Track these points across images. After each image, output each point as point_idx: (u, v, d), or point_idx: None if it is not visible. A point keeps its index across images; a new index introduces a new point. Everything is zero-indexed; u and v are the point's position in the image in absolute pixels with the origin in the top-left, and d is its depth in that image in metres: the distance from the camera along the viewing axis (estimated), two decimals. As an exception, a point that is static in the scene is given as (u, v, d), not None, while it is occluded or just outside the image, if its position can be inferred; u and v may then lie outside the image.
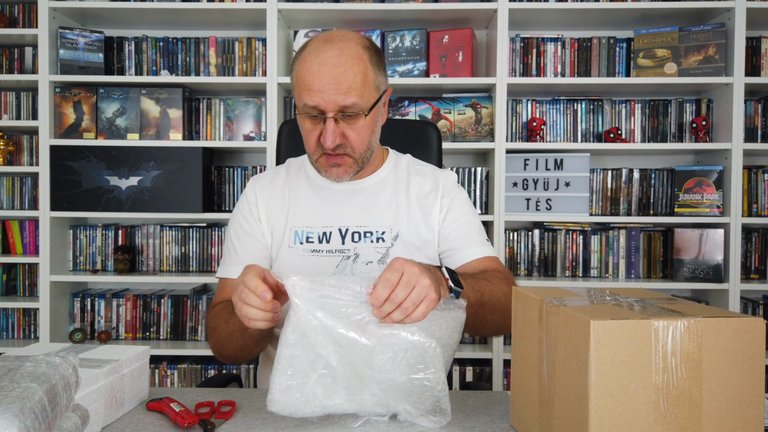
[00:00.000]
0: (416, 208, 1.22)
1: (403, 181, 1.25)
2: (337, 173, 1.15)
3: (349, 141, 1.11)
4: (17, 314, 2.64)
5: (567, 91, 2.61)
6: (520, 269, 2.57)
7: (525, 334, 0.80)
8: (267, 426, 0.84)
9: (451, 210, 1.23)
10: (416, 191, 1.24)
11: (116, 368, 0.86)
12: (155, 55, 2.62)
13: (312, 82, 1.06)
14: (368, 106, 1.10)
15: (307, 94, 1.07)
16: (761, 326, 0.63)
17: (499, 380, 2.39)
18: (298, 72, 1.09)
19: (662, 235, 2.55)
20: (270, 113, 2.42)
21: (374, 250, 1.17)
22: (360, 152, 1.13)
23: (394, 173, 1.26)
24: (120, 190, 2.45)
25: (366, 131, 1.12)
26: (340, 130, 1.09)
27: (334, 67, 1.05)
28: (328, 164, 1.14)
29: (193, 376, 2.51)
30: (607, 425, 0.62)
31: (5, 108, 2.66)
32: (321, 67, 1.06)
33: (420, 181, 1.25)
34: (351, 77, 1.06)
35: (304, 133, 1.14)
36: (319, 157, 1.13)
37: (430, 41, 2.50)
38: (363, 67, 1.08)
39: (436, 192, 1.24)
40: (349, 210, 1.20)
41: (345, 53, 1.07)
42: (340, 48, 1.07)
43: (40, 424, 0.60)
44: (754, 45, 2.54)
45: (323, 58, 1.06)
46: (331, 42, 1.08)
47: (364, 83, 1.08)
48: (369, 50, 1.11)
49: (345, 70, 1.06)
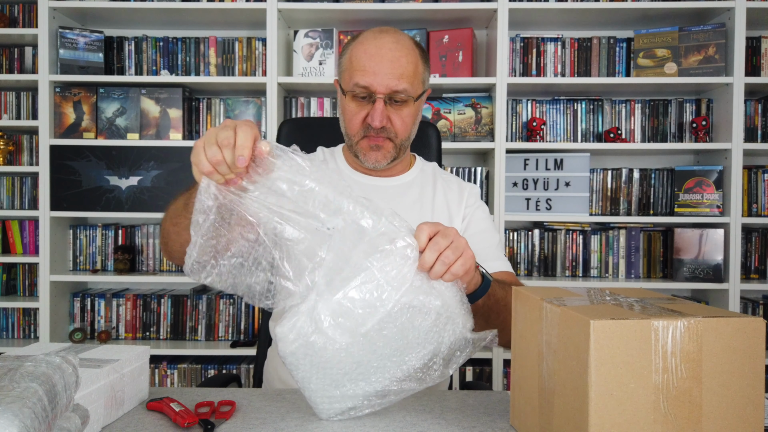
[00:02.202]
0: (440, 214, 1.24)
1: (430, 187, 1.27)
2: (376, 157, 1.18)
3: (393, 125, 1.15)
4: (17, 314, 2.64)
5: (567, 91, 2.61)
6: (520, 269, 2.57)
7: (525, 334, 0.80)
8: (267, 426, 0.84)
9: (473, 223, 1.26)
10: (441, 199, 1.26)
11: (116, 368, 0.86)
12: (155, 55, 2.62)
13: (367, 63, 1.10)
14: (416, 94, 1.15)
15: (361, 74, 1.10)
16: (761, 326, 0.63)
17: (499, 380, 2.39)
18: (353, 53, 1.13)
19: (662, 235, 2.55)
20: (270, 113, 2.42)
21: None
22: (402, 138, 1.17)
23: (421, 178, 1.29)
24: (120, 190, 2.45)
25: (410, 119, 1.17)
26: (387, 113, 1.13)
27: (390, 51, 1.11)
28: (369, 146, 1.17)
29: (193, 376, 2.51)
30: (607, 425, 0.62)
31: (5, 108, 2.66)
32: (378, 50, 1.11)
33: (445, 189, 1.28)
34: (405, 64, 1.11)
35: (348, 116, 1.16)
36: (361, 139, 1.16)
37: (430, 41, 2.50)
38: (415, 58, 1.14)
39: (460, 202, 1.27)
40: None
41: (401, 42, 1.13)
42: (396, 38, 1.13)
43: (40, 424, 0.60)
44: (754, 45, 2.54)
45: (380, 42, 1.12)
46: (387, 33, 1.14)
47: (415, 73, 1.13)
48: (420, 48, 1.17)
49: (400, 56, 1.11)
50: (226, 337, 2.57)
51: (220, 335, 2.57)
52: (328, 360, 0.77)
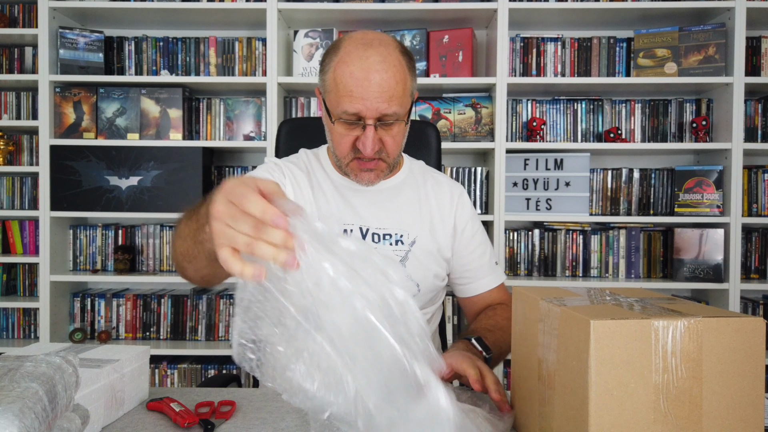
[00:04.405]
0: (433, 216, 1.23)
1: (421, 188, 1.26)
2: (369, 177, 1.14)
3: (385, 147, 1.10)
4: (17, 314, 2.64)
5: (567, 91, 2.61)
6: (520, 269, 2.57)
7: (525, 334, 0.80)
8: (267, 426, 0.84)
9: (467, 237, 1.26)
10: (433, 201, 1.25)
11: (116, 368, 0.86)
12: (155, 55, 2.62)
13: (354, 89, 1.03)
14: (406, 113, 1.09)
15: (349, 101, 1.04)
16: (761, 326, 0.63)
17: (499, 380, 2.39)
18: (338, 76, 1.05)
19: (662, 235, 2.55)
20: (270, 113, 2.42)
21: (394, 253, 1.17)
22: (393, 157, 1.14)
23: (412, 178, 1.27)
24: (120, 190, 2.45)
25: (400, 137, 1.12)
26: (378, 136, 1.08)
27: (377, 73, 1.03)
28: (360, 169, 1.12)
29: (193, 376, 2.51)
30: (607, 425, 0.62)
31: (5, 108, 2.66)
32: (366, 73, 1.03)
33: (437, 191, 1.27)
34: (393, 84, 1.04)
35: (336, 138, 1.10)
36: (351, 161, 1.12)
37: (430, 41, 2.50)
38: (403, 75, 1.06)
39: (453, 208, 1.26)
40: (368, 210, 1.20)
41: (387, 60, 1.04)
42: (382, 54, 1.04)
43: (40, 424, 0.60)
44: (754, 45, 2.54)
45: (367, 64, 1.03)
46: (372, 46, 1.05)
47: (404, 91, 1.07)
48: (406, 56, 1.09)
49: (388, 78, 1.03)
50: (226, 337, 2.57)
51: (220, 335, 2.57)
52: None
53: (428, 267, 1.19)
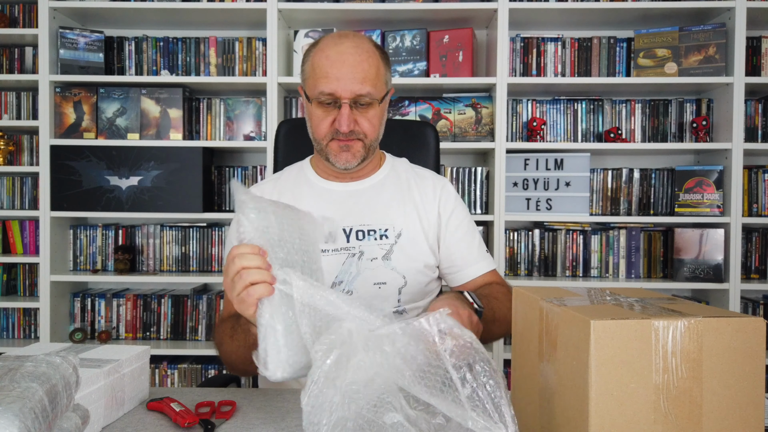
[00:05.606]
0: (417, 208, 1.25)
1: (404, 182, 1.28)
2: (346, 158, 1.18)
3: (361, 127, 1.16)
4: (17, 314, 2.64)
5: (567, 91, 2.61)
6: (520, 269, 2.57)
7: (525, 334, 0.80)
8: (267, 426, 0.84)
9: (453, 226, 1.27)
10: (417, 193, 1.27)
11: (116, 368, 0.86)
12: (155, 55, 2.62)
13: (330, 70, 1.12)
14: (380, 96, 1.17)
15: (325, 81, 1.12)
16: (761, 326, 0.63)
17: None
18: (314, 61, 1.15)
19: (662, 235, 2.55)
20: (270, 113, 2.42)
21: (378, 247, 1.20)
22: (371, 139, 1.19)
23: (393, 175, 1.30)
24: (120, 190, 2.45)
25: (376, 120, 1.19)
26: (353, 117, 1.15)
27: (351, 56, 1.12)
28: (339, 147, 1.17)
29: (194, 376, 2.51)
30: (607, 425, 0.62)
31: (5, 108, 2.66)
32: (340, 56, 1.12)
33: (420, 183, 1.29)
34: (367, 68, 1.13)
35: (315, 121, 1.17)
36: (330, 141, 1.17)
37: (431, 41, 2.50)
38: (377, 61, 1.16)
39: (436, 199, 1.28)
40: (351, 210, 1.23)
41: (361, 46, 1.14)
42: (355, 42, 1.15)
43: (41, 424, 0.60)
44: (755, 45, 2.54)
45: (341, 49, 1.13)
46: (347, 37, 1.16)
47: (377, 75, 1.15)
48: (380, 50, 1.19)
49: (362, 60, 1.13)
50: (227, 337, 2.57)
51: (220, 335, 2.57)
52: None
53: (416, 258, 1.22)
